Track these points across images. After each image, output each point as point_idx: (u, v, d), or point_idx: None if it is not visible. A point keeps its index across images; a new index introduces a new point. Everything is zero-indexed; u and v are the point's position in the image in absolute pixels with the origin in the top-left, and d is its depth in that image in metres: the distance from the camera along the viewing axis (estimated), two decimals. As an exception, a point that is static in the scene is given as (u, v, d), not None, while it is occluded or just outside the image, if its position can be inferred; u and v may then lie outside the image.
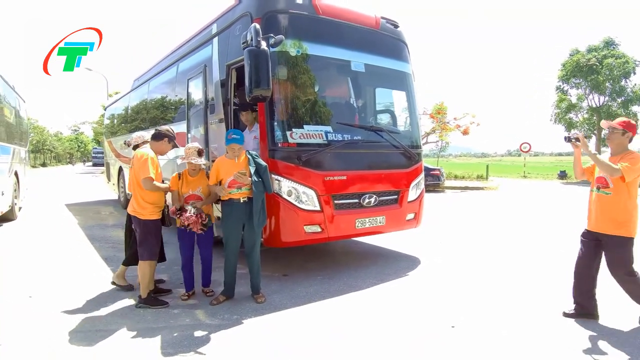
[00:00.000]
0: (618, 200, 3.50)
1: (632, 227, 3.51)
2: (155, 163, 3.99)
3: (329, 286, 4.68)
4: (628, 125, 3.58)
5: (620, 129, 3.55)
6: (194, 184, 4.19)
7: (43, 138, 52.57)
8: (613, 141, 3.61)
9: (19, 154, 10.40)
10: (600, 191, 3.61)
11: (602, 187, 3.59)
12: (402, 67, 5.94)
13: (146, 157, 3.93)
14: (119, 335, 3.44)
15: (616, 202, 3.51)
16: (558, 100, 27.31)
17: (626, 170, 3.38)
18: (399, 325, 3.65)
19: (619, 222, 3.49)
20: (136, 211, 4.04)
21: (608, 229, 3.54)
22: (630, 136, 3.57)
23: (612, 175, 3.45)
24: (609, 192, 3.54)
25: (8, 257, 6.04)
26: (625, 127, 3.55)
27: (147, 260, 4.03)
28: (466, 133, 22.06)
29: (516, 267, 5.52)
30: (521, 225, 9.17)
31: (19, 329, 3.54)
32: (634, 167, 3.41)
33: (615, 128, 3.57)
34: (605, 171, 3.48)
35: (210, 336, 3.41)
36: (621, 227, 3.49)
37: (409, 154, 5.64)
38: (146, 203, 4.00)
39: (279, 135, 4.71)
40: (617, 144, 3.59)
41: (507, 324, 3.66)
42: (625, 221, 3.49)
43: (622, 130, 3.55)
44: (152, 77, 8.92)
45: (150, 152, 4.04)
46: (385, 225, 5.35)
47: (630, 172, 3.39)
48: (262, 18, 4.67)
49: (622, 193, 3.48)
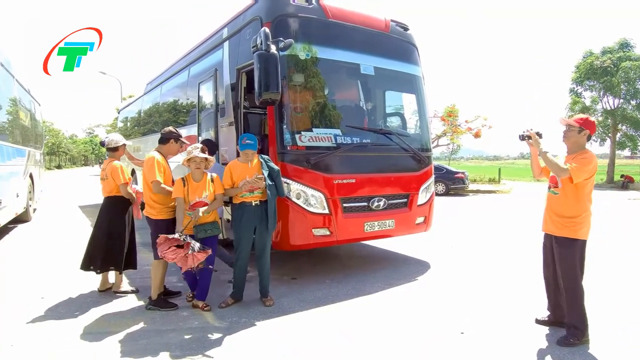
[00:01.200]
0: (565, 200, 3.33)
1: (577, 228, 3.30)
2: (161, 166, 4.05)
3: (338, 290, 4.67)
4: (585, 122, 3.35)
5: (576, 126, 3.34)
6: (200, 189, 3.99)
7: (58, 141, 53.50)
8: (569, 139, 3.40)
9: (34, 157, 10.59)
10: (551, 190, 3.46)
11: (553, 186, 3.44)
12: (412, 69, 5.91)
13: (152, 160, 4.01)
14: (127, 337, 3.47)
15: (563, 202, 3.34)
16: (572, 102, 26.91)
17: (574, 171, 3.19)
18: (407, 331, 3.62)
19: (564, 222, 3.33)
20: (147, 211, 4.12)
21: (553, 229, 3.41)
22: (588, 134, 3.36)
23: (559, 176, 3.28)
24: (557, 192, 3.39)
25: (22, 258, 6.14)
26: (582, 125, 3.33)
27: (159, 259, 4.01)
28: (478, 136, 21.86)
29: (527, 273, 5.43)
30: (534, 230, 9.04)
31: (30, 330, 3.60)
32: (584, 169, 3.21)
33: (572, 125, 3.36)
34: (553, 171, 3.33)
35: (219, 339, 3.42)
36: (565, 226, 3.32)
37: (419, 157, 5.61)
38: (155, 203, 4.06)
39: (288, 138, 4.72)
40: (573, 142, 3.39)
41: (517, 331, 3.60)
42: (571, 221, 3.30)
43: (578, 127, 3.33)
44: (164, 80, 9.03)
45: (157, 155, 4.09)
46: (395, 228, 5.32)
47: (578, 172, 3.19)
48: (272, 22, 4.69)
49: (570, 193, 3.31)
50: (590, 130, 3.37)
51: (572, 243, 3.33)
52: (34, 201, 10.44)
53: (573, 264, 3.34)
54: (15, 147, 8.30)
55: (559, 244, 3.39)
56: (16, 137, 8.52)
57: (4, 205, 6.97)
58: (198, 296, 4.11)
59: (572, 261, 3.34)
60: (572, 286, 3.35)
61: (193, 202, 3.92)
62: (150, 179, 3.96)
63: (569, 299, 3.38)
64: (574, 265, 3.34)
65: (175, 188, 3.97)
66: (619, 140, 26.61)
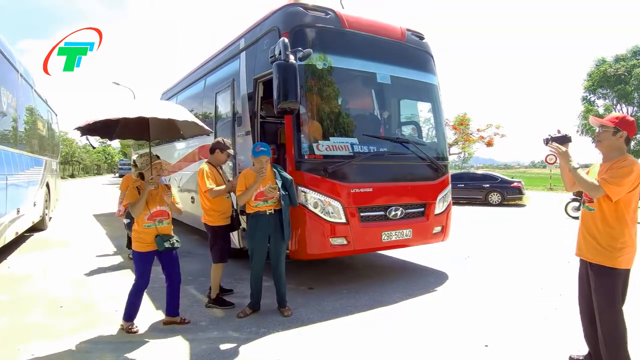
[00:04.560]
0: (602, 219, 2.71)
1: (617, 255, 2.66)
2: (210, 175, 4.29)
3: (355, 301, 4.61)
4: (622, 122, 2.70)
5: (611, 126, 2.71)
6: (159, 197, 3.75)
7: (72, 150, 54.26)
8: (603, 143, 2.77)
9: (51, 166, 10.73)
10: (585, 206, 2.83)
11: (587, 201, 2.81)
12: (428, 78, 5.90)
13: (202, 172, 4.29)
14: (148, 347, 3.46)
15: (599, 221, 2.72)
16: (584, 110, 26.73)
17: (611, 188, 2.58)
18: (430, 343, 3.55)
19: (601, 247, 2.70)
20: (205, 219, 4.42)
21: (588, 254, 2.79)
22: (626, 136, 2.70)
23: (593, 197, 2.69)
24: (592, 208, 2.76)
25: (38, 267, 6.19)
26: (617, 125, 2.70)
27: (217, 262, 4.39)
28: (490, 144, 21.74)
29: (547, 286, 5.33)
30: (550, 241, 8.90)
31: (49, 339, 3.59)
32: (622, 181, 2.56)
33: (605, 126, 2.75)
34: (585, 191, 2.76)
35: (238, 349, 3.39)
36: (603, 253, 2.69)
37: (436, 166, 5.56)
38: (212, 211, 4.35)
39: (305, 147, 4.72)
40: (608, 147, 2.76)
41: (543, 345, 3.52)
42: (610, 245, 2.67)
43: (613, 128, 2.70)
44: (179, 91, 9.13)
45: (205, 166, 4.35)
46: (412, 238, 5.26)
47: (615, 188, 2.58)
48: (289, 32, 4.72)
49: (608, 210, 2.68)
50: (629, 131, 2.72)
51: (610, 272, 2.69)
52: (50, 210, 10.56)
53: (612, 298, 2.70)
54: (33, 156, 8.42)
55: (594, 272, 2.76)
56: (34, 147, 8.65)
57: (21, 213, 7.05)
58: (170, 312, 3.92)
59: (610, 294, 2.70)
60: (611, 325, 2.72)
61: (154, 209, 3.70)
62: (203, 189, 4.26)
63: (606, 338, 2.73)
64: (612, 299, 2.70)
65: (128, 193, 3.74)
66: (634, 148, 26.29)
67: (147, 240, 3.67)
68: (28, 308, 4.36)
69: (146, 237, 3.67)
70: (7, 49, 6.60)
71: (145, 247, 3.67)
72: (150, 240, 3.67)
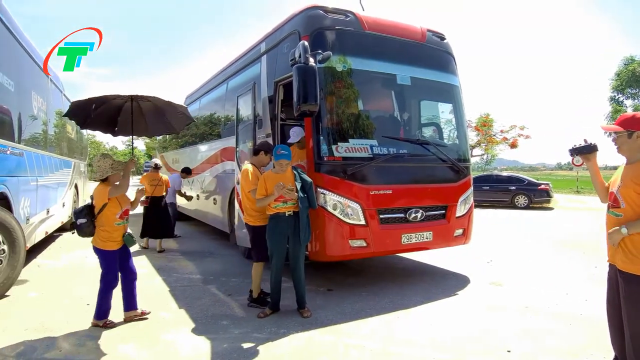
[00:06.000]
0: None
1: None
2: (253, 175, 4.38)
3: (375, 303, 4.60)
4: (632, 121, 2.54)
5: (622, 131, 2.58)
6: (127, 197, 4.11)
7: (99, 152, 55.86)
8: (622, 147, 2.63)
9: (79, 168, 11.07)
10: (610, 212, 2.67)
11: (612, 206, 2.66)
12: (449, 79, 5.85)
13: (246, 172, 4.41)
14: (169, 345, 3.54)
15: None
16: (613, 111, 25.88)
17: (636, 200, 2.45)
18: (452, 347, 3.51)
19: (632, 255, 2.50)
20: (246, 219, 4.52)
21: (618, 261, 2.61)
22: None
23: None
24: (619, 214, 2.60)
25: (66, 265, 6.40)
26: (628, 127, 2.54)
27: (258, 261, 4.44)
28: (514, 146, 21.29)
29: (572, 290, 5.19)
30: (577, 245, 8.65)
31: (74, 336, 3.71)
32: None
33: (617, 132, 2.61)
34: None
35: (259, 349, 3.43)
36: (633, 261, 2.50)
37: (457, 167, 5.50)
38: (253, 211, 4.41)
39: (324, 149, 4.74)
40: (628, 150, 2.60)
41: (566, 351, 3.43)
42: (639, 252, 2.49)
43: (626, 132, 2.56)
44: (203, 94, 9.30)
45: (250, 167, 4.45)
46: (433, 241, 5.22)
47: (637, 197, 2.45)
48: (309, 35, 4.76)
49: (636, 216, 2.50)
50: None
51: None
52: (78, 210, 10.87)
53: None
54: (62, 158, 8.72)
55: (623, 279, 2.60)
56: (63, 149, 8.95)
57: (51, 214, 7.30)
58: (129, 307, 4.02)
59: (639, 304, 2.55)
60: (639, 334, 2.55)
61: (125, 208, 4.00)
62: (247, 189, 4.36)
63: (635, 346, 2.55)
64: None
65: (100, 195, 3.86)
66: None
67: (117, 239, 3.86)
68: (55, 305, 4.52)
69: (117, 235, 3.86)
70: (39, 56, 6.86)
71: (115, 245, 3.85)
72: (119, 238, 3.87)
